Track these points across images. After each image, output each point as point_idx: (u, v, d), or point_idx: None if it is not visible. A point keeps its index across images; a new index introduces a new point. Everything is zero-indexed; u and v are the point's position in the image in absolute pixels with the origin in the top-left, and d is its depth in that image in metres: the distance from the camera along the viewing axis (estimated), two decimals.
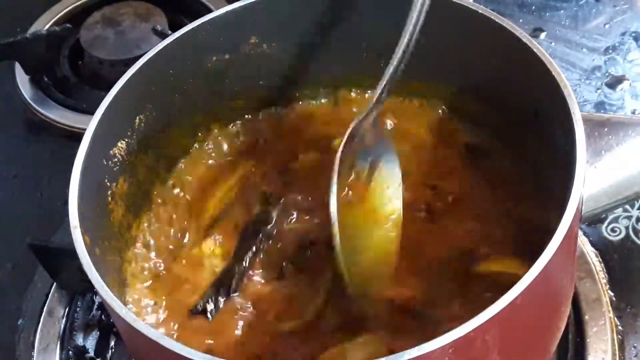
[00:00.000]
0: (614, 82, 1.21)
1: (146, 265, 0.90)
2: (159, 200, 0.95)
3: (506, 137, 0.92)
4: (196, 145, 0.99)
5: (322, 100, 1.01)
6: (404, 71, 0.97)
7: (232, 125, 1.01)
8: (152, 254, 0.91)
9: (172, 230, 0.93)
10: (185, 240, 0.92)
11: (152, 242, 0.92)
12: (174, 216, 0.94)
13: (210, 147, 1.00)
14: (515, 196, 0.89)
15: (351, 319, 0.82)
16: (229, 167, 0.98)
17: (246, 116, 1.01)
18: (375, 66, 0.99)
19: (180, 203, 0.95)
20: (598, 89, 1.20)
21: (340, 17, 0.94)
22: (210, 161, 0.99)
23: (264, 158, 0.98)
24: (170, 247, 0.92)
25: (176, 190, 0.96)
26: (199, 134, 0.99)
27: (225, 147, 1.00)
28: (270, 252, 0.90)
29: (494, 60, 0.88)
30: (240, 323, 0.84)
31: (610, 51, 1.25)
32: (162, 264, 0.90)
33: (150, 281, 0.89)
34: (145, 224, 0.93)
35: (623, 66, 1.23)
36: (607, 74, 1.22)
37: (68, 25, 1.31)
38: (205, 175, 0.98)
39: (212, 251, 0.91)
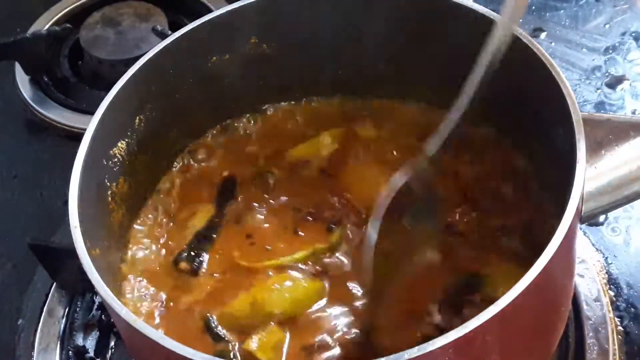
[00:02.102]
0: (614, 82, 1.21)
1: (146, 264, 0.90)
2: (159, 200, 0.95)
3: (506, 137, 0.92)
4: (196, 145, 0.99)
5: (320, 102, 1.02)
6: (403, 71, 0.98)
7: (231, 125, 1.01)
8: (152, 253, 0.91)
9: (170, 229, 0.93)
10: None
11: (151, 240, 0.92)
12: (173, 215, 0.94)
13: (209, 147, 1.00)
14: (514, 196, 0.89)
15: None
16: (224, 168, 0.99)
17: (244, 117, 1.01)
18: (374, 68, 0.99)
19: (179, 202, 0.95)
20: (598, 89, 1.20)
21: (340, 17, 0.94)
22: (208, 161, 0.99)
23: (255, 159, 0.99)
24: (171, 243, 0.92)
25: (176, 191, 0.96)
26: (199, 134, 0.99)
27: (222, 148, 1.00)
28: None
29: None
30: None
31: (610, 51, 1.25)
32: (161, 263, 0.90)
33: (149, 280, 0.89)
34: (145, 224, 0.93)
35: (623, 66, 1.23)
36: (607, 74, 1.22)
37: (68, 25, 1.31)
38: (204, 175, 0.98)
39: None
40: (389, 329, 0.81)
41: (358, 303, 0.83)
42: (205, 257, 0.89)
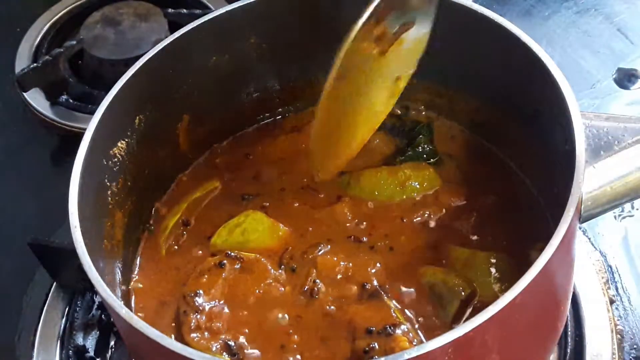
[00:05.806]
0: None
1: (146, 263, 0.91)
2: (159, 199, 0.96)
3: (506, 137, 0.92)
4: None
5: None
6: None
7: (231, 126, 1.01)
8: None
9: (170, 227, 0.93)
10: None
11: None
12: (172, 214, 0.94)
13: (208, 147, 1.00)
14: (514, 196, 0.89)
15: None
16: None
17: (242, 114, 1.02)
18: None
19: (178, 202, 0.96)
20: None
21: (340, 18, 0.94)
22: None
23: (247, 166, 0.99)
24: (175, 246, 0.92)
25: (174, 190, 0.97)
26: (199, 134, 0.99)
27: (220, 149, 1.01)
28: None
29: (494, 60, 0.88)
30: None
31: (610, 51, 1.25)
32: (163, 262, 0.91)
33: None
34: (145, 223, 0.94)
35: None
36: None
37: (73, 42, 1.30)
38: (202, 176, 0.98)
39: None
40: None
41: None
42: None
